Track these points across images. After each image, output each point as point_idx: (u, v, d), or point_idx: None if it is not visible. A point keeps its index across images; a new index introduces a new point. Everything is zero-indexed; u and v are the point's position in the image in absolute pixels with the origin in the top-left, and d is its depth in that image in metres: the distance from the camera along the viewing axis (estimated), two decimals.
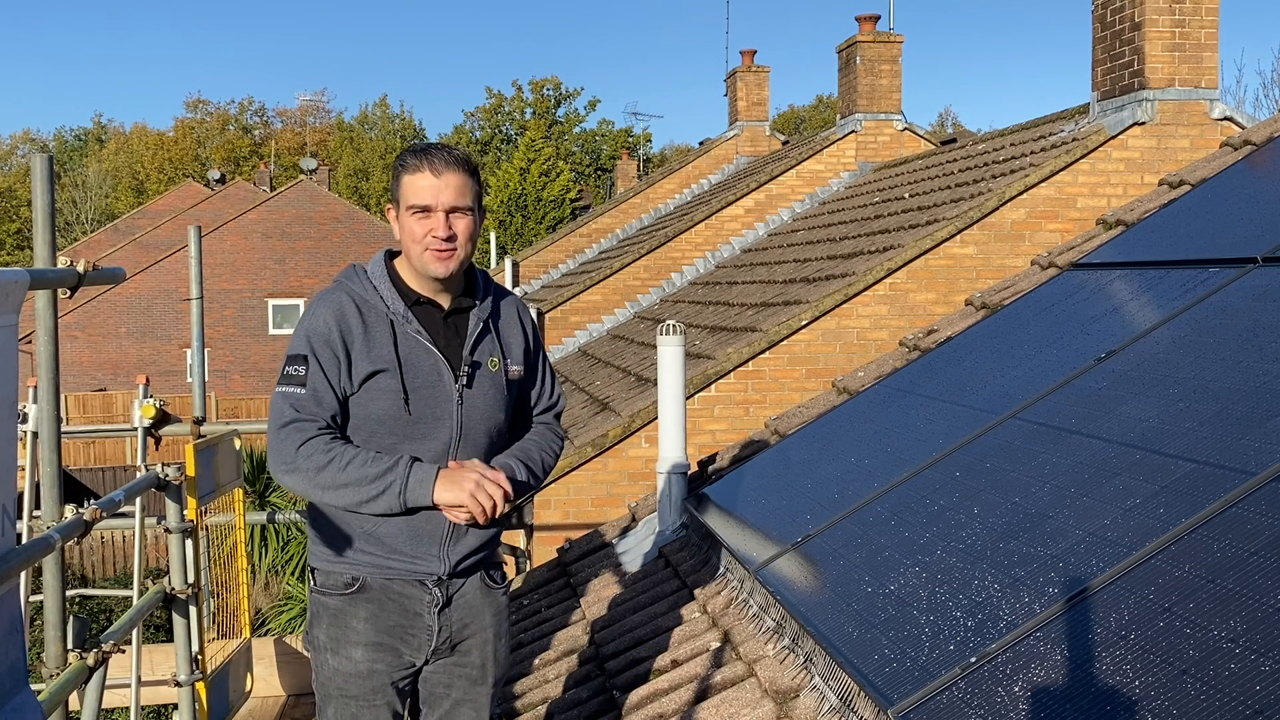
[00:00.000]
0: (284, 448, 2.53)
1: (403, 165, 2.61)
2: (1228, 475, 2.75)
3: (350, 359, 2.58)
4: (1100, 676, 2.28)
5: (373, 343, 2.59)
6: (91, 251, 36.57)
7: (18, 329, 1.70)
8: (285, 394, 2.57)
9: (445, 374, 2.62)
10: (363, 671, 2.63)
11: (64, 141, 68.42)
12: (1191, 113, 7.08)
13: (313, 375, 2.56)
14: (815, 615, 3.16)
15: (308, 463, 2.51)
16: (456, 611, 2.69)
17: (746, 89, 16.75)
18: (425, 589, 2.65)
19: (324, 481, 2.51)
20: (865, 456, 4.35)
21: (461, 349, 2.66)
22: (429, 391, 2.60)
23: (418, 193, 2.57)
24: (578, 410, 8.95)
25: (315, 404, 2.56)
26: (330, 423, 2.57)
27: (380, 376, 2.58)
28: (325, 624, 2.66)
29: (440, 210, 2.56)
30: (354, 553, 2.63)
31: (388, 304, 2.63)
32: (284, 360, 2.62)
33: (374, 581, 2.63)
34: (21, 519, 6.19)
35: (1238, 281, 3.97)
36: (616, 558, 5.22)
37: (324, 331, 2.58)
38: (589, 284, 14.08)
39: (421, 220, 2.57)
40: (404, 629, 2.65)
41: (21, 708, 1.62)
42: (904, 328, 7.33)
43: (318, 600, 2.68)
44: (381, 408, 2.58)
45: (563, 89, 53.92)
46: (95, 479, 20.04)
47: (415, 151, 2.61)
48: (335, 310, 2.60)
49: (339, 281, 2.70)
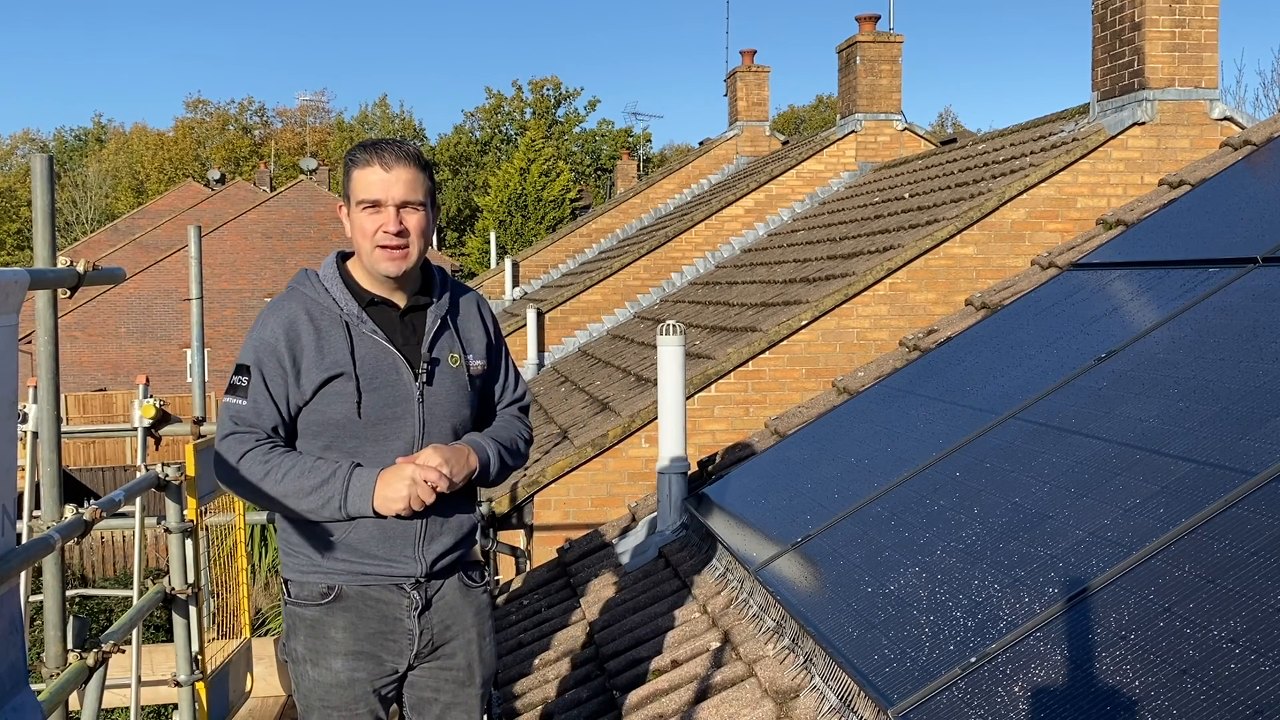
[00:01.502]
0: (226, 460, 2.54)
1: (352, 160, 2.58)
2: (1228, 475, 2.75)
3: (299, 369, 2.55)
4: (1100, 676, 2.28)
5: (326, 348, 2.55)
6: (91, 251, 36.56)
7: (18, 329, 1.70)
8: (228, 405, 2.57)
9: (404, 372, 2.58)
10: (343, 681, 2.60)
11: (64, 141, 68.41)
12: (1191, 113, 7.08)
13: (254, 387, 2.54)
14: (815, 615, 3.15)
15: (248, 474, 2.50)
16: (437, 614, 2.65)
17: (746, 89, 16.75)
18: (403, 593, 2.61)
19: (264, 492, 2.50)
20: (865, 456, 4.35)
21: (420, 346, 2.62)
22: (388, 391, 2.57)
23: (367, 187, 2.54)
24: (578, 410, 8.95)
25: (255, 415, 2.54)
26: (270, 434, 2.55)
27: (336, 381, 2.54)
28: (303, 635, 2.62)
29: (390, 205, 2.53)
30: (328, 561, 2.59)
31: (341, 306, 2.59)
32: (233, 368, 2.61)
33: (350, 589, 2.59)
34: (21, 519, 6.19)
35: (1238, 281, 3.97)
36: (616, 558, 5.22)
37: (271, 342, 2.56)
38: (589, 284, 14.08)
39: (372, 215, 2.54)
40: (383, 635, 2.61)
41: (21, 708, 1.62)
42: (904, 328, 7.33)
43: (293, 612, 2.64)
44: (339, 411, 2.55)
45: (563, 89, 53.91)
46: (95, 479, 20.05)
47: (365, 146, 2.58)
48: (285, 320, 2.57)
49: (291, 288, 2.66)
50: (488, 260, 32.79)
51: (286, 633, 2.67)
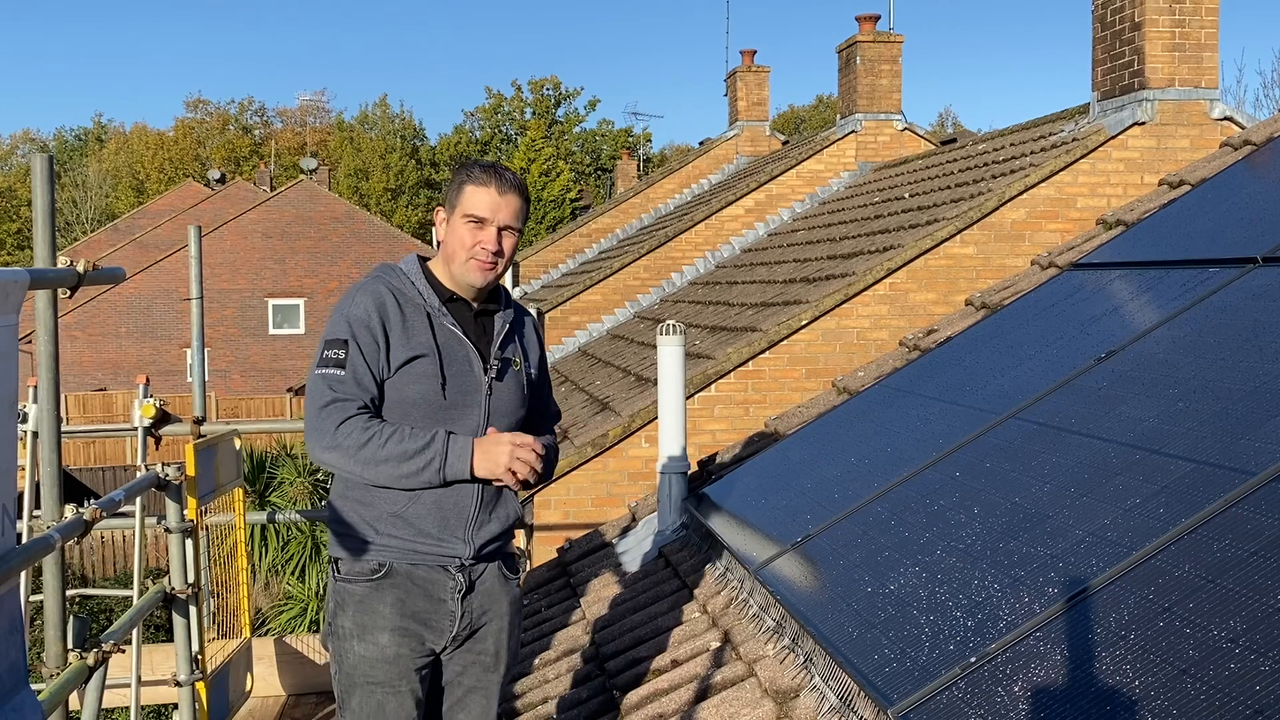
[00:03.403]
0: (324, 426, 2.63)
1: (469, 175, 2.78)
2: (1227, 475, 2.75)
3: (389, 344, 2.70)
4: (1100, 676, 2.28)
5: (411, 330, 2.72)
6: (91, 251, 36.57)
7: (18, 329, 1.70)
8: (324, 375, 2.68)
9: (476, 364, 2.76)
10: (389, 656, 2.70)
11: (64, 141, 68.40)
12: (1191, 113, 7.08)
13: (352, 358, 2.67)
14: (815, 615, 3.16)
15: (348, 440, 2.61)
16: (477, 598, 2.78)
17: (746, 89, 16.74)
18: (449, 574, 2.73)
19: (364, 458, 2.61)
20: (865, 456, 4.35)
21: (489, 345, 2.81)
22: (462, 379, 2.73)
23: (478, 205, 2.73)
24: (578, 410, 8.95)
25: (355, 385, 2.66)
26: (368, 404, 2.67)
27: (419, 361, 2.70)
28: (351, 611, 2.72)
29: (494, 225, 2.73)
30: (381, 538, 2.71)
31: (424, 298, 2.77)
32: (321, 345, 2.72)
33: (400, 566, 2.71)
34: (21, 519, 6.19)
35: (1238, 281, 3.97)
36: (616, 558, 5.22)
37: (364, 317, 2.70)
38: (589, 284, 14.07)
39: (474, 230, 2.73)
40: (428, 614, 2.72)
41: (21, 708, 1.62)
42: (904, 328, 7.33)
43: (343, 589, 2.74)
44: (418, 391, 2.69)
45: (562, 89, 53.92)
46: (95, 479, 20.04)
47: (484, 166, 2.79)
48: (375, 298, 2.72)
49: (376, 275, 2.82)
50: None
51: (332, 611, 2.77)
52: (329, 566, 2.83)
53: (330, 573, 2.82)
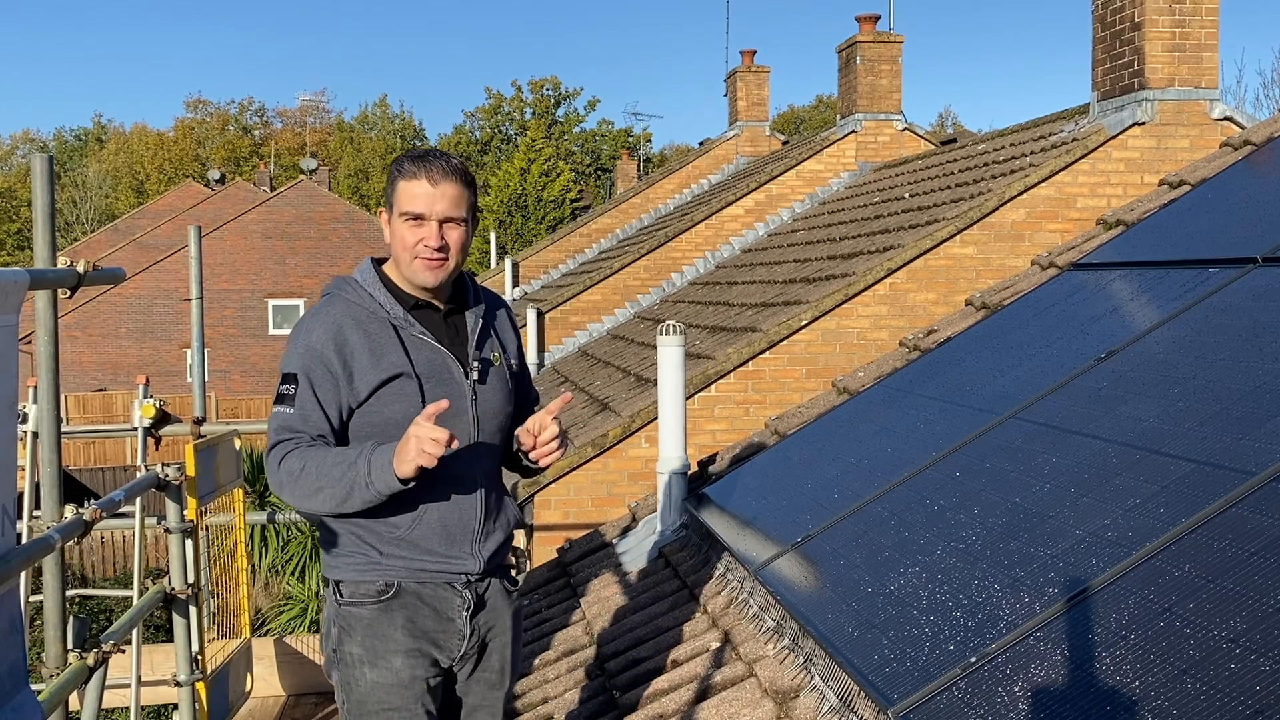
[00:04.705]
0: (270, 467, 2.53)
1: (399, 170, 2.59)
2: (1228, 475, 2.75)
3: (351, 372, 2.55)
4: (1100, 676, 2.28)
5: (380, 350, 2.57)
6: (91, 251, 36.57)
7: (18, 329, 1.70)
8: (276, 414, 2.56)
9: (456, 370, 2.63)
10: (404, 680, 2.58)
11: (64, 141, 68.39)
12: (1191, 113, 7.08)
13: (301, 394, 2.54)
14: (815, 615, 3.15)
15: (288, 476, 2.49)
16: (485, 615, 2.68)
17: (746, 89, 16.74)
18: (456, 591, 2.63)
19: (304, 490, 2.48)
20: (865, 456, 4.35)
21: (464, 347, 2.67)
22: (445, 390, 2.59)
23: (412, 200, 2.55)
24: (578, 410, 8.95)
25: (302, 422, 2.53)
26: (315, 440, 2.53)
27: (395, 381, 2.56)
28: (359, 636, 2.58)
29: (434, 220, 2.55)
30: (385, 559, 2.58)
31: (386, 309, 2.61)
32: (279, 379, 2.59)
33: (408, 585, 2.59)
34: (21, 519, 6.19)
35: (1238, 281, 3.97)
36: (616, 558, 5.22)
37: (318, 348, 2.55)
38: (589, 284, 14.07)
39: (414, 228, 2.56)
40: (438, 633, 2.62)
41: (21, 708, 1.62)
42: (904, 328, 7.33)
43: (349, 613, 2.60)
44: (399, 410, 2.55)
45: (562, 89, 53.89)
46: (95, 479, 20.03)
47: (413, 158, 2.59)
48: (332, 325, 2.57)
49: (330, 294, 2.66)
50: (488, 260, 32.75)
51: (336, 637, 2.62)
52: (328, 590, 2.67)
53: (330, 596, 2.65)
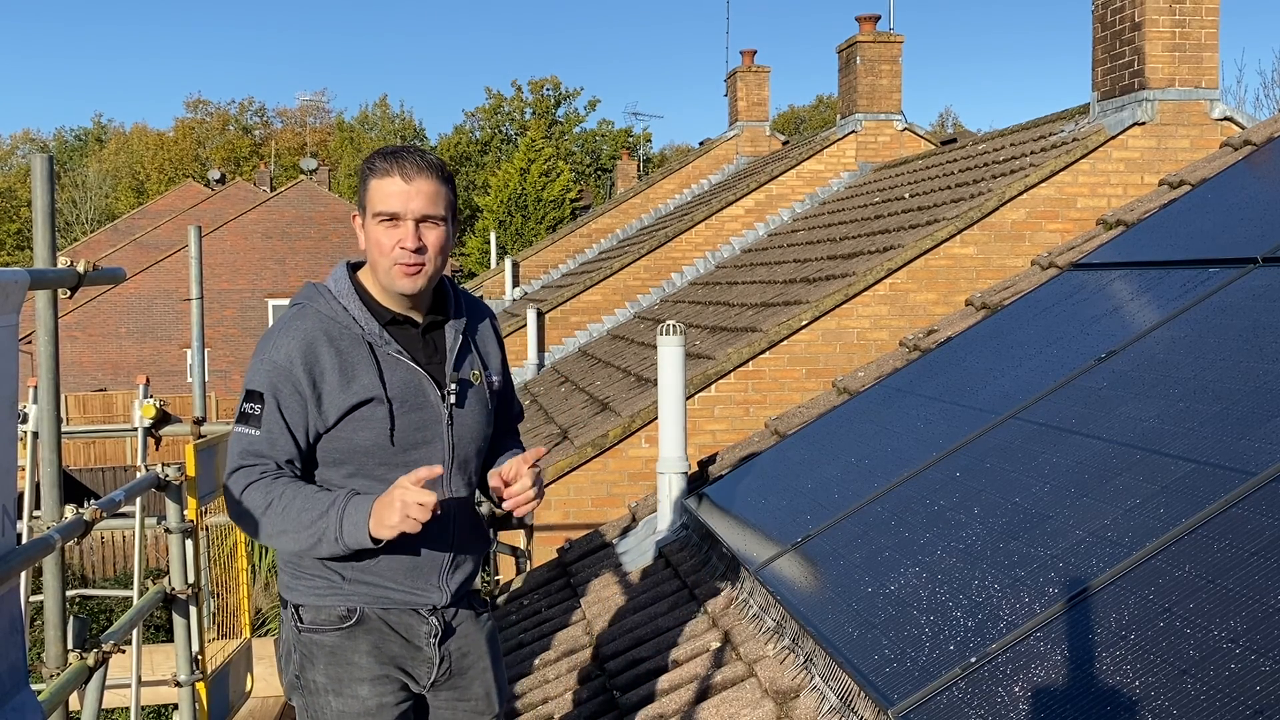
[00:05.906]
0: (230, 494, 2.38)
1: (371, 169, 2.41)
2: (1228, 475, 2.75)
3: (320, 394, 2.38)
4: (1100, 676, 2.28)
5: (352, 372, 2.40)
6: (91, 251, 36.57)
7: (18, 329, 1.70)
8: (239, 436, 2.39)
9: (433, 394, 2.46)
10: (371, 709, 2.45)
11: (64, 141, 68.39)
12: (1191, 113, 7.08)
13: (268, 415, 2.37)
14: (815, 615, 3.15)
15: (253, 509, 2.34)
16: (455, 641, 2.55)
17: (746, 89, 16.75)
18: (422, 618, 2.50)
19: (266, 529, 2.34)
20: (865, 457, 4.35)
21: (443, 365, 2.50)
22: (418, 415, 2.44)
23: (386, 199, 2.37)
24: (578, 410, 8.95)
25: (268, 446, 2.37)
26: (282, 466, 2.39)
27: (365, 407, 2.39)
28: (322, 664, 2.45)
29: (410, 219, 2.37)
30: (348, 584, 2.45)
31: (361, 325, 2.43)
32: (242, 394, 2.41)
33: (372, 611, 2.46)
34: (21, 519, 6.19)
35: (1238, 281, 3.97)
36: (616, 558, 5.22)
37: (286, 366, 2.37)
38: (589, 284, 14.08)
39: (389, 229, 2.38)
40: (405, 659, 2.51)
41: (21, 708, 1.62)
42: (904, 328, 7.33)
43: (308, 640, 2.46)
44: (368, 438, 2.40)
45: (562, 89, 53.88)
46: (95, 479, 20.03)
47: (385, 154, 2.41)
48: (301, 341, 2.39)
49: (301, 304, 2.47)
50: (488, 260, 32.78)
51: (299, 664, 2.48)
52: (285, 612, 2.51)
53: (289, 620, 2.49)
